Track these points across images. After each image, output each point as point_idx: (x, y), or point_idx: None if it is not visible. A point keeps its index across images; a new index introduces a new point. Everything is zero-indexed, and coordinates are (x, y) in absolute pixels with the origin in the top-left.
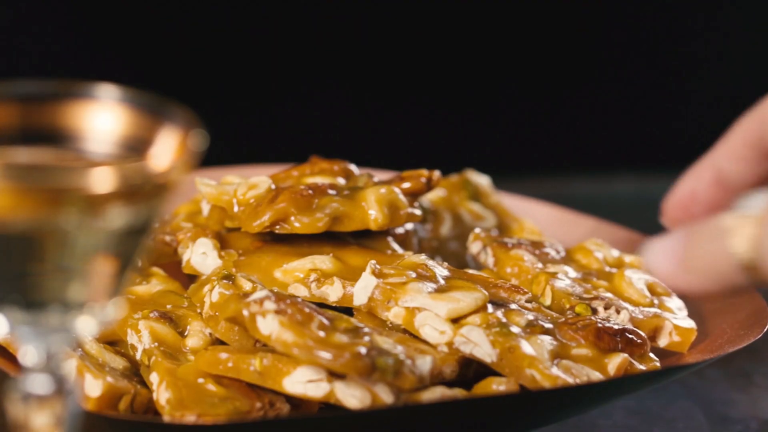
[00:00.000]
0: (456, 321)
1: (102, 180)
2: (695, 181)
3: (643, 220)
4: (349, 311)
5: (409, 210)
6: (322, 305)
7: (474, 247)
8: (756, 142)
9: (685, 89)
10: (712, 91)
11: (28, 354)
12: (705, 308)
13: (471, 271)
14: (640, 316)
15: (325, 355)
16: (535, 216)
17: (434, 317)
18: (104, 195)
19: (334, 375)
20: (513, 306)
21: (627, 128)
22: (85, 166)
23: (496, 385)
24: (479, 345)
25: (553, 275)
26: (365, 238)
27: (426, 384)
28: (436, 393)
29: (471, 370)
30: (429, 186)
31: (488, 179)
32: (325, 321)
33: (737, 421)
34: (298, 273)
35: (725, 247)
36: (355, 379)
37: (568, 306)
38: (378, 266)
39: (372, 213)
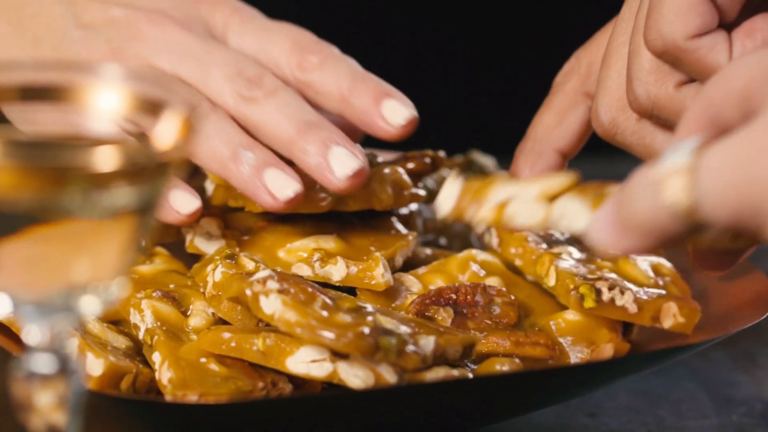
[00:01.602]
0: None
1: (106, 159)
2: None
3: None
4: (352, 291)
5: (414, 190)
6: (326, 285)
7: (478, 227)
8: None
9: None
10: None
11: (32, 333)
12: (710, 290)
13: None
14: (644, 297)
15: (328, 334)
16: None
17: (525, 202)
18: (108, 174)
19: (337, 355)
20: None
21: None
22: (88, 144)
23: (500, 366)
24: (576, 217)
25: (557, 255)
26: (369, 219)
27: (429, 364)
28: (439, 373)
29: (473, 352)
30: (434, 166)
31: (493, 160)
32: (328, 301)
33: (742, 403)
34: (301, 252)
35: (659, 201)
36: (358, 359)
37: (572, 286)
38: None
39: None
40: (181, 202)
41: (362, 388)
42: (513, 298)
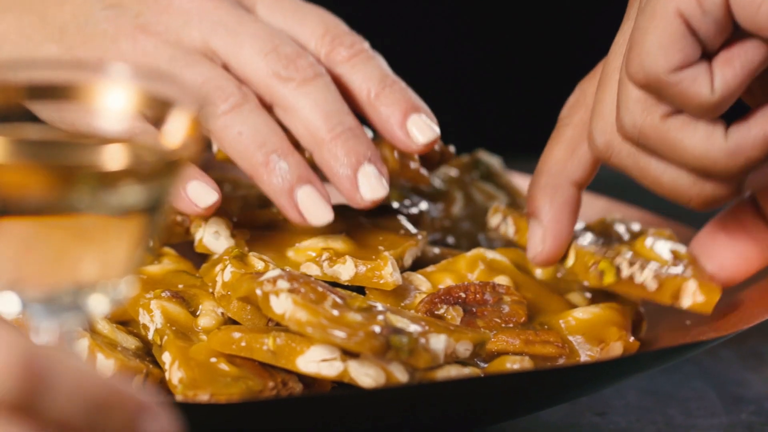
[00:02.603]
0: None
1: (114, 157)
2: None
3: (654, 200)
4: (361, 290)
5: (421, 169)
6: (334, 284)
7: (494, 220)
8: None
9: None
10: None
11: (41, 332)
12: None
13: None
14: (664, 275)
15: (340, 333)
16: None
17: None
18: (116, 172)
19: (347, 354)
20: None
21: None
22: (97, 143)
23: (510, 364)
24: None
25: (575, 237)
26: (378, 218)
27: (440, 363)
28: (450, 371)
29: (484, 350)
30: (442, 157)
31: (499, 160)
32: (339, 300)
33: (751, 402)
34: (310, 252)
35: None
36: (369, 358)
37: (591, 263)
38: None
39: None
40: (200, 194)
41: (373, 387)
42: (522, 296)
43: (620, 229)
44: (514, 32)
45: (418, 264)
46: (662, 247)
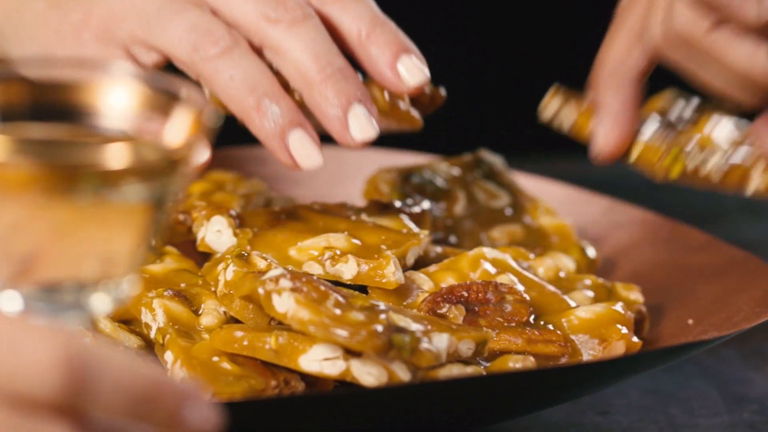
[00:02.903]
0: None
1: (117, 156)
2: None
3: (656, 200)
4: (363, 290)
5: (412, 111)
6: (337, 283)
7: (551, 106)
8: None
9: None
10: None
11: None
12: (721, 288)
13: None
14: (729, 163)
15: (342, 332)
16: (548, 195)
17: None
18: (118, 171)
19: (350, 353)
20: None
21: None
22: (99, 142)
23: (513, 363)
24: None
25: (640, 126)
26: (380, 217)
27: (442, 362)
28: (452, 370)
29: (486, 349)
30: (432, 100)
31: (501, 159)
32: (341, 299)
33: (753, 401)
34: (312, 251)
35: None
36: (371, 357)
37: (657, 158)
38: None
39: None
40: None
41: (375, 386)
42: (525, 295)
43: (677, 110)
44: (516, 32)
45: (421, 263)
46: (722, 130)
